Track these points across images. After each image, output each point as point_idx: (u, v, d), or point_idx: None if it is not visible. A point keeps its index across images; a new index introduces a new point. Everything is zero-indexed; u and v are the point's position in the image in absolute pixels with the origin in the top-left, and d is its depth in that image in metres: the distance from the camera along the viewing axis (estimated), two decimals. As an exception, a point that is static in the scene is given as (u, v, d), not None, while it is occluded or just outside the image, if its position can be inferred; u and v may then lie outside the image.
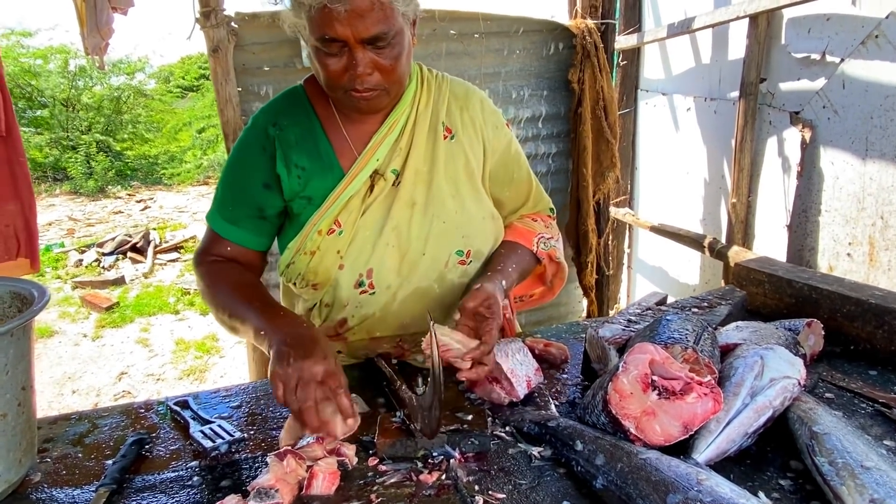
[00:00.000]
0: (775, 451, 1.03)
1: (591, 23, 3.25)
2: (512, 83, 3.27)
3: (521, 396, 1.22)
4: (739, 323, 1.33)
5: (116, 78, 14.17)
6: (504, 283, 1.31)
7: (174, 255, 7.78)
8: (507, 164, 1.47)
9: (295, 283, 1.42)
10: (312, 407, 1.00)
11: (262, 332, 1.13)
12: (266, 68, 2.81)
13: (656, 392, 0.98)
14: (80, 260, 7.46)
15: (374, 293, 1.36)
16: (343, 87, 1.19)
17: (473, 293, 1.24)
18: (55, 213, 10.53)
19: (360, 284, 1.35)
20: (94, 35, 2.56)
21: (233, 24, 2.66)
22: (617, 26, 3.60)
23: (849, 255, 2.39)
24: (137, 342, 5.19)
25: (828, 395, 1.20)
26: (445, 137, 1.36)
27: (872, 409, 1.14)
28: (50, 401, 4.21)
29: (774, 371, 1.04)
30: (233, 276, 1.34)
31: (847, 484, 0.85)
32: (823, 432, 0.95)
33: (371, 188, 1.32)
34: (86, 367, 4.76)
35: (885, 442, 1.01)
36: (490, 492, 0.96)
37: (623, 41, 3.74)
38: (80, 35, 2.64)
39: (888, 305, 1.32)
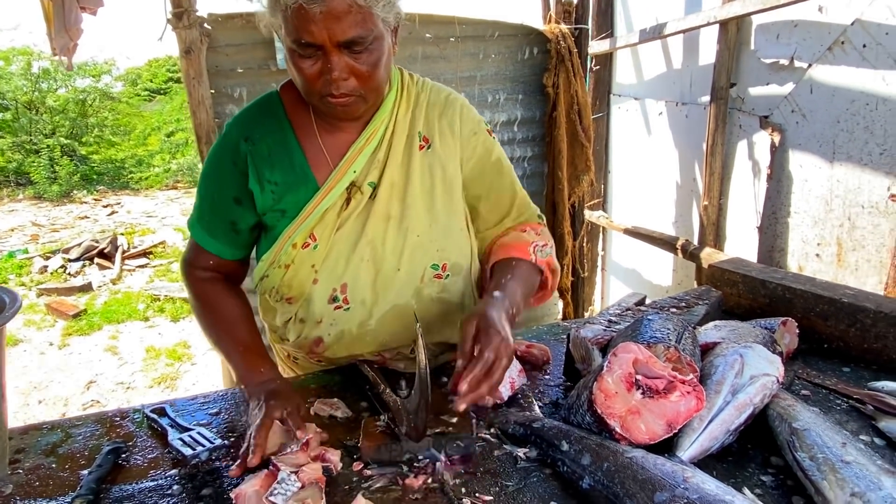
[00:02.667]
0: (756, 448, 1.04)
1: (565, 28, 3.28)
2: (488, 87, 3.28)
3: (505, 398, 1.22)
4: (718, 322, 1.36)
5: (82, 80, 13.87)
6: (507, 301, 1.19)
7: (143, 260, 7.63)
8: (484, 171, 1.39)
9: (269, 296, 1.40)
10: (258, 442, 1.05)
11: (240, 378, 1.25)
12: (240, 70, 2.78)
13: (640, 391, 0.99)
14: (45, 266, 7.27)
15: (348, 309, 1.32)
16: (319, 93, 1.14)
17: (473, 322, 1.11)
18: (18, 219, 10.25)
19: (335, 300, 1.31)
20: (62, 35, 2.50)
21: (206, 25, 2.63)
22: (590, 31, 3.64)
23: (817, 255, 2.45)
24: (106, 350, 5.06)
25: (804, 391, 1.22)
26: (422, 148, 1.31)
27: (847, 405, 1.17)
28: (15, 411, 4.08)
29: (754, 369, 1.06)
30: (221, 304, 1.35)
31: (828, 478, 0.86)
32: (803, 428, 0.97)
33: (347, 201, 1.28)
34: (52, 376, 4.63)
35: (861, 437, 1.04)
36: (477, 494, 0.96)
37: (596, 46, 3.78)
38: (46, 35, 2.57)
39: (860, 304, 1.36)
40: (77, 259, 7.39)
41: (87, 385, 4.46)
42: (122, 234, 8.63)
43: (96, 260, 7.44)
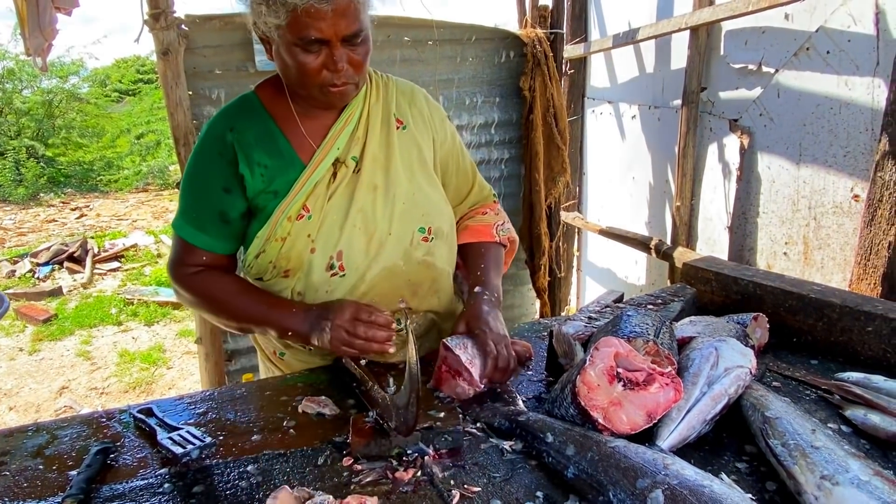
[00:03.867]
0: (731, 437, 1.09)
1: (540, 32, 3.34)
2: (465, 90, 3.32)
3: (482, 386, 1.25)
4: (693, 318, 1.41)
5: (48, 81, 13.56)
6: (495, 295, 1.43)
7: (115, 264, 7.50)
8: (453, 155, 1.56)
9: (263, 276, 1.43)
10: (365, 343, 1.24)
11: (291, 331, 1.32)
12: (218, 71, 2.77)
13: (622, 383, 1.03)
14: (13, 271, 7.10)
15: (344, 275, 1.39)
16: (320, 84, 1.24)
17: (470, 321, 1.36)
18: (-18, 223, 9.98)
19: (332, 267, 1.38)
20: (37, 36, 2.46)
21: (183, 26, 2.61)
22: (565, 36, 3.71)
23: (785, 253, 2.54)
24: (78, 355, 4.97)
25: (775, 383, 1.28)
26: (398, 128, 1.44)
27: (815, 395, 1.23)
28: (-16, 419, 3.99)
29: (728, 361, 1.11)
30: (223, 284, 1.41)
31: (799, 463, 0.91)
32: (775, 417, 1.02)
33: (334, 175, 1.37)
34: (23, 382, 4.53)
35: (829, 425, 1.09)
36: (465, 486, 0.99)
37: (570, 50, 3.85)
38: (20, 35, 2.53)
39: (826, 299, 1.42)
40: (46, 263, 7.24)
41: (59, 391, 4.38)
42: (92, 237, 8.47)
43: (66, 264, 7.29)
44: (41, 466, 1.11)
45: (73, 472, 1.07)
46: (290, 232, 1.36)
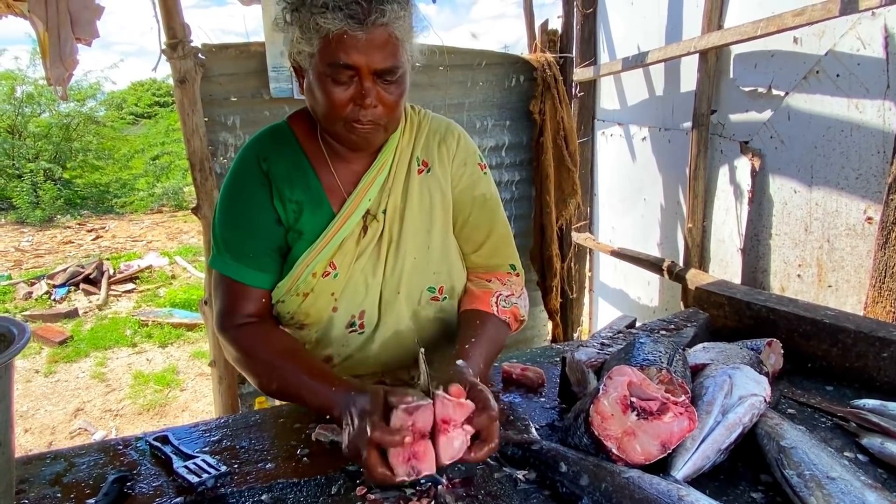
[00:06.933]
0: (746, 466, 1.08)
1: (550, 56, 3.38)
2: (476, 113, 3.36)
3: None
4: (706, 344, 1.40)
5: (66, 105, 13.84)
6: (471, 368, 1.15)
7: (130, 285, 7.58)
8: (464, 203, 1.40)
9: (281, 319, 1.40)
10: (377, 467, 0.96)
11: (328, 414, 1.12)
12: (233, 99, 2.83)
13: (635, 413, 1.03)
14: (30, 292, 7.19)
15: (362, 333, 1.36)
16: (344, 119, 1.18)
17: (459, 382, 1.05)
18: (0, 244, 10.13)
19: (352, 325, 1.35)
20: (58, 66, 2.53)
21: (200, 55, 2.67)
22: (574, 59, 3.74)
23: (799, 276, 2.52)
24: (93, 377, 5.01)
25: (790, 410, 1.27)
26: (420, 171, 1.35)
27: (831, 422, 1.22)
28: None
29: (742, 389, 1.11)
30: (270, 343, 1.26)
31: (815, 494, 0.91)
32: (790, 446, 1.01)
33: (364, 229, 1.31)
34: (39, 404, 4.57)
35: (845, 454, 1.08)
36: (479, 516, 0.99)
37: (580, 73, 3.88)
38: (42, 65, 2.61)
39: (840, 325, 1.41)
40: (62, 285, 7.33)
41: (74, 413, 4.42)
42: (107, 258, 8.57)
43: (82, 286, 7.38)
44: (59, 494, 1.12)
45: (91, 501, 1.08)
46: (314, 288, 1.30)
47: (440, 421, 0.99)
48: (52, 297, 7.08)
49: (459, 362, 1.15)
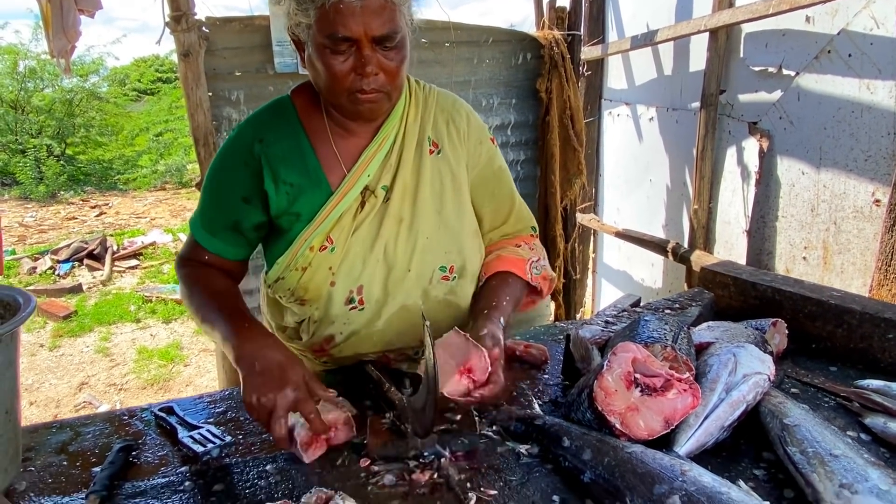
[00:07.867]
0: (749, 444, 1.09)
1: (557, 34, 3.34)
2: (482, 91, 3.33)
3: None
4: (711, 323, 1.40)
5: (69, 80, 13.75)
6: (502, 319, 1.28)
7: (133, 262, 7.59)
8: (487, 180, 1.44)
9: (282, 300, 1.41)
10: (285, 437, 1.05)
11: (230, 346, 1.16)
12: (237, 73, 2.80)
13: (639, 389, 1.03)
14: (34, 267, 7.22)
15: (363, 309, 1.36)
16: (347, 90, 1.17)
17: (480, 338, 1.19)
18: (4, 220, 10.14)
19: (351, 301, 1.35)
20: (60, 38, 2.51)
21: (204, 28, 2.65)
22: (582, 38, 3.70)
23: (804, 258, 2.51)
24: (97, 351, 5.05)
25: (793, 390, 1.27)
26: (432, 152, 1.35)
27: (834, 402, 1.22)
28: (5, 413, 4.06)
29: (747, 367, 1.11)
30: (208, 280, 1.34)
31: (818, 471, 0.91)
32: (794, 424, 1.01)
33: (362, 204, 1.31)
34: (43, 377, 4.61)
35: (848, 433, 1.08)
36: (482, 488, 0.99)
37: (588, 52, 3.84)
38: (45, 37, 2.58)
39: (846, 306, 1.41)
40: (66, 260, 7.35)
41: (78, 387, 4.45)
42: (111, 235, 8.59)
43: (86, 261, 7.40)
44: (65, 462, 1.13)
45: (97, 469, 1.09)
46: (312, 262, 1.32)
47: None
48: (56, 273, 7.11)
49: (486, 311, 1.28)
